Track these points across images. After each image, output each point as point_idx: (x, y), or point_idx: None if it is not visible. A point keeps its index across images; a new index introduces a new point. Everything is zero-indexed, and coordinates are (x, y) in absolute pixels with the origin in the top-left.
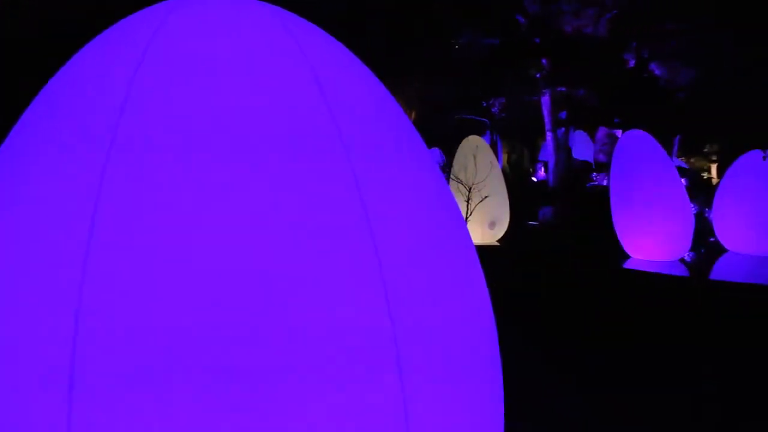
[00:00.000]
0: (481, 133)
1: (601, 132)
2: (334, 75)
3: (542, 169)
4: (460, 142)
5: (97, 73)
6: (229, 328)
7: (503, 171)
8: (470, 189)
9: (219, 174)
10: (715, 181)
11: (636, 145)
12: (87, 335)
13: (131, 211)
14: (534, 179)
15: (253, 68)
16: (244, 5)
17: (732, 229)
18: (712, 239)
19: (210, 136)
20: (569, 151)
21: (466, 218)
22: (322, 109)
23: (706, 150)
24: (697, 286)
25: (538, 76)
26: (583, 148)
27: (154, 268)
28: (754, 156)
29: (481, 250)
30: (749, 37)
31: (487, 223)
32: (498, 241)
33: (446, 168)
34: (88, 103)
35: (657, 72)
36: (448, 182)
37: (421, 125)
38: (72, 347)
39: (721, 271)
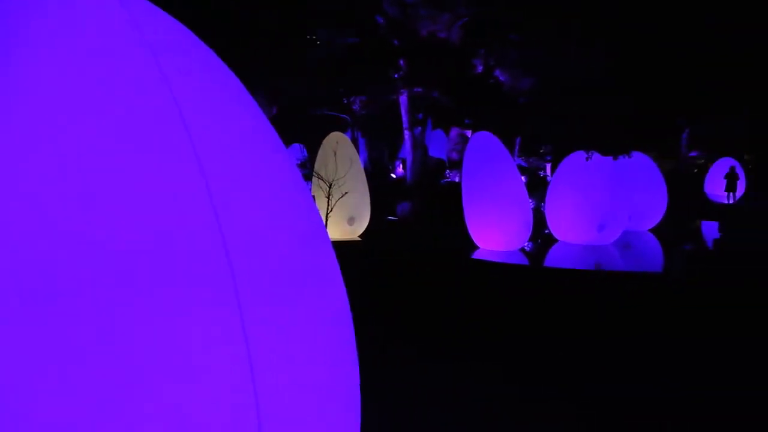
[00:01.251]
0: (343, 130)
1: (454, 132)
2: (182, 65)
3: (401, 165)
4: (323, 138)
5: None
6: (74, 332)
7: (365, 167)
8: (331, 185)
9: (46, 173)
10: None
11: (483, 145)
12: None
13: None
14: (393, 176)
15: (92, 57)
16: None
17: (561, 221)
18: (546, 231)
19: (35, 127)
20: (426, 149)
21: (327, 214)
22: (169, 101)
23: (541, 151)
24: (534, 272)
25: (396, 76)
26: (439, 146)
27: None
28: (578, 157)
29: (342, 245)
30: (584, 50)
31: (346, 218)
32: (359, 236)
33: (308, 164)
34: None
35: (501, 78)
36: (311, 178)
37: (282, 121)
38: None
39: (553, 258)
